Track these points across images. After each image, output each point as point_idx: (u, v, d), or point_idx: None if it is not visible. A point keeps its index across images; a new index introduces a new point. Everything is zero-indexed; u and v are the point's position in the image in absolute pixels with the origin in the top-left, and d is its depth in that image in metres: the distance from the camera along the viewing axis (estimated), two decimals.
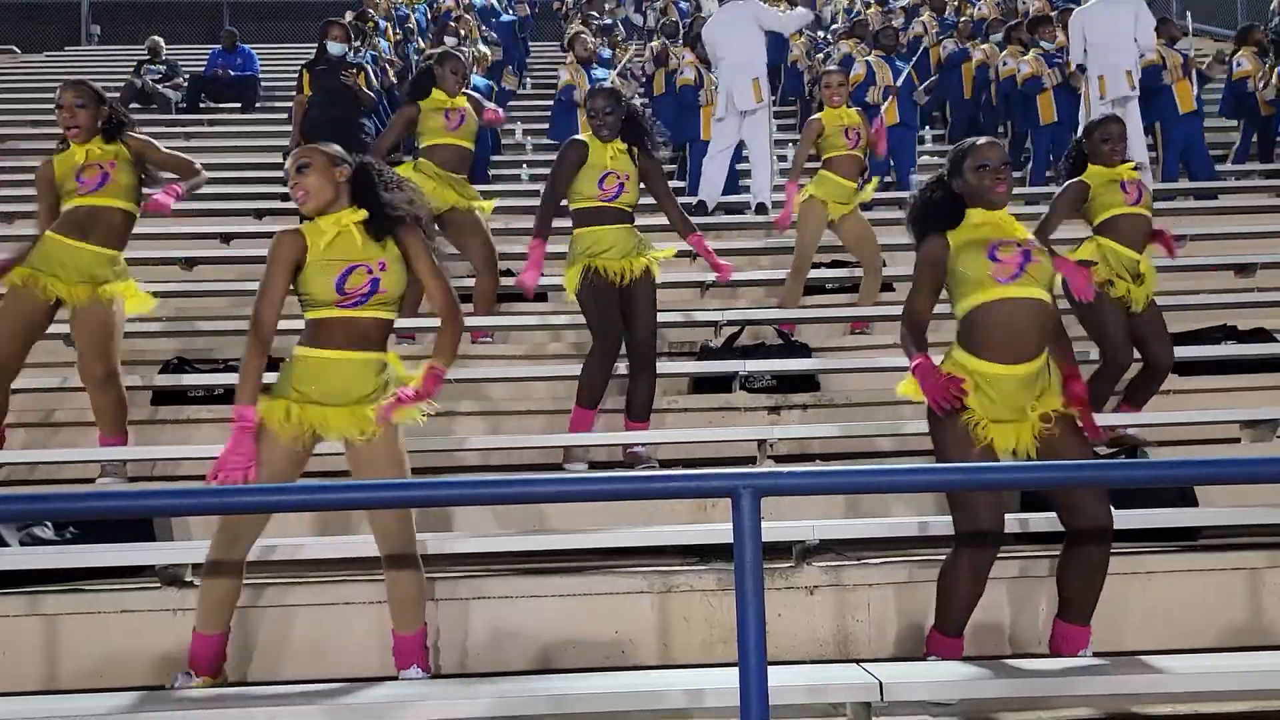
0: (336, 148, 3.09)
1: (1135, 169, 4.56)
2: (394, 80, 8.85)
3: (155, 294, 6.26)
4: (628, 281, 4.37)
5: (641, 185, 4.49)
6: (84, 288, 4.11)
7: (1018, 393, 2.93)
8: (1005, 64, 8.78)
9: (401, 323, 5.60)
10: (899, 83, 8.09)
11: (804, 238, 5.86)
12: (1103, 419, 4.52)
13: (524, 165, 9.58)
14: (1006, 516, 3.54)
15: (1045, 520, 3.30)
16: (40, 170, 4.24)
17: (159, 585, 3.41)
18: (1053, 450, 2.95)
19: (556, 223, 4.51)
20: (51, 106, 4.37)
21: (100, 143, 4.16)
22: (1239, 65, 8.76)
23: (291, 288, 2.97)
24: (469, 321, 5.62)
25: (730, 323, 5.64)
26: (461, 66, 5.59)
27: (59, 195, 4.18)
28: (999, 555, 3.49)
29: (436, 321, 6.02)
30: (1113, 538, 3.01)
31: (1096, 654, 3.05)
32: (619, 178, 4.36)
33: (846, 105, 5.89)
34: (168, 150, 4.36)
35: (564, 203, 4.51)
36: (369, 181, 3.03)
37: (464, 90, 5.61)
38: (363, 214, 2.99)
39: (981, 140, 3.11)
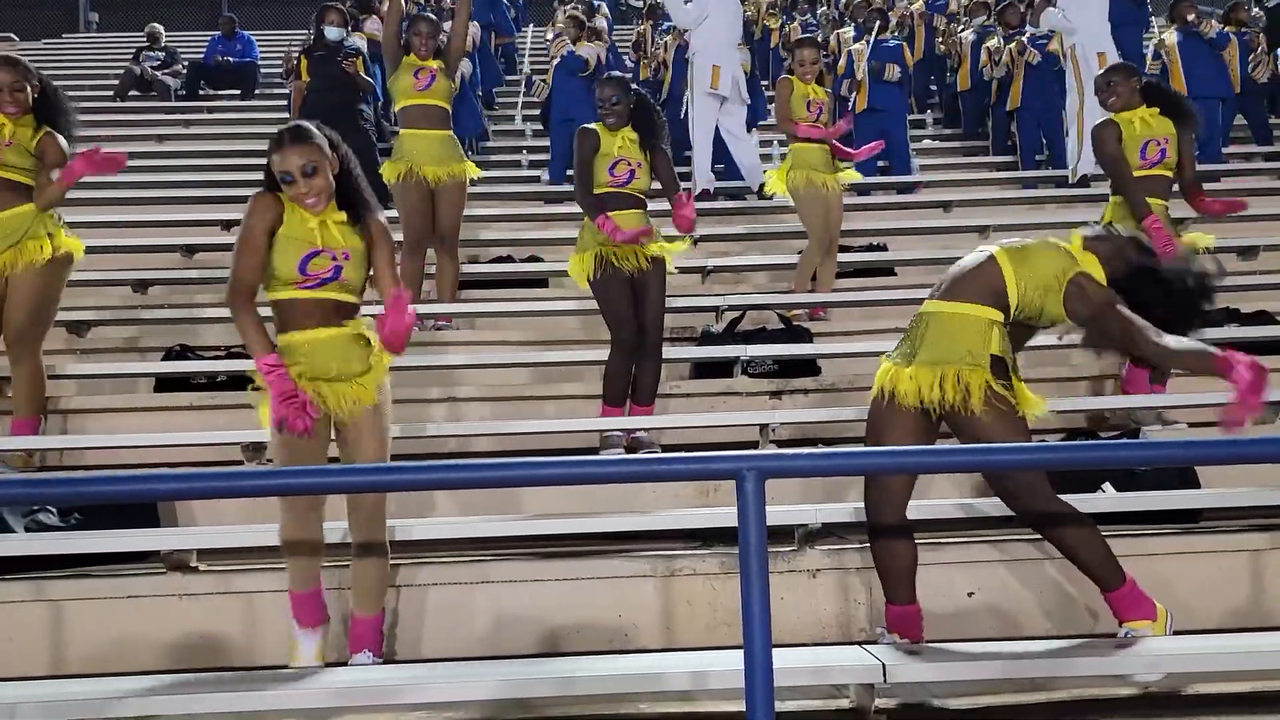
0: (326, 133, 3.04)
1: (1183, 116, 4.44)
2: None
3: (156, 282, 6.37)
4: (639, 269, 4.40)
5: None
6: (9, 253, 4.01)
7: (913, 334, 2.98)
8: (980, 57, 8.77)
9: (445, 308, 5.65)
10: (885, 75, 8.04)
11: (809, 219, 5.81)
12: (1120, 401, 4.57)
13: (524, 151, 9.55)
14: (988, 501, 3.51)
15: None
16: None
17: (164, 570, 3.42)
18: (974, 430, 2.87)
19: (568, 209, 4.50)
20: None
21: (18, 120, 4.02)
22: None
23: None
24: (434, 309, 5.69)
25: (731, 308, 5.65)
26: (430, 29, 5.61)
27: None
28: (995, 539, 3.51)
29: (446, 307, 6.06)
30: (1047, 523, 2.96)
31: (1097, 635, 3.07)
32: (630, 164, 4.39)
33: (815, 83, 5.86)
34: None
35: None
36: (348, 174, 3.03)
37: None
38: (342, 216, 3.00)
39: None
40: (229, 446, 4.26)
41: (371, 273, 3.08)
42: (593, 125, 4.47)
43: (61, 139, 4.15)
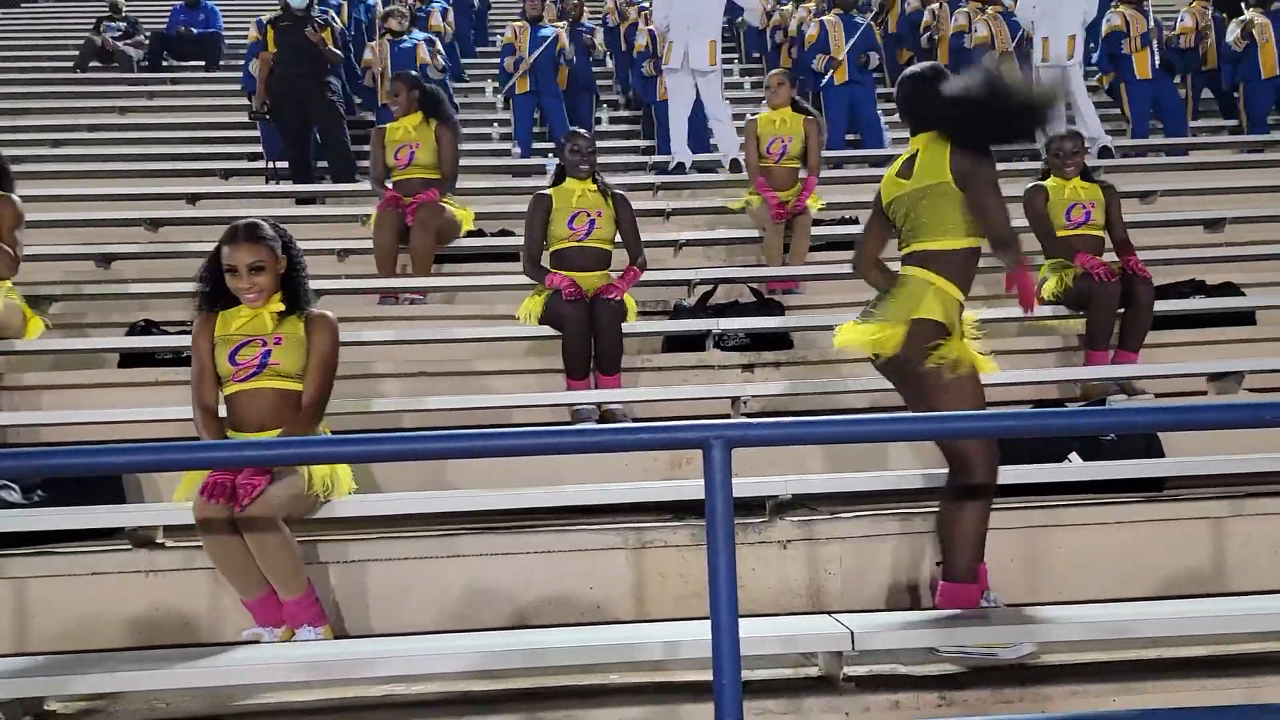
0: (277, 231, 3.15)
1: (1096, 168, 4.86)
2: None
3: (120, 255, 6.26)
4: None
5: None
6: None
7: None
8: (956, 20, 8.74)
9: (410, 282, 5.62)
10: (849, 44, 8.04)
11: (758, 219, 6.03)
12: (1090, 371, 4.62)
13: (494, 125, 9.45)
14: None
15: (1020, 472, 3.35)
16: None
17: (130, 547, 3.38)
18: (905, 383, 3.02)
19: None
20: (7, 65, 4.27)
21: None
22: (1180, 21, 8.74)
23: None
24: (407, 284, 5.66)
25: (703, 281, 5.63)
26: (400, 86, 5.70)
27: None
28: None
29: (447, 280, 6.05)
30: (974, 494, 3.02)
31: (1063, 602, 3.11)
32: (589, 215, 4.49)
33: (790, 107, 6.03)
34: (11, 232, 4.38)
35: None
36: (295, 272, 3.17)
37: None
38: (280, 306, 3.14)
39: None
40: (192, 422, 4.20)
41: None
42: (546, 190, 4.60)
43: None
